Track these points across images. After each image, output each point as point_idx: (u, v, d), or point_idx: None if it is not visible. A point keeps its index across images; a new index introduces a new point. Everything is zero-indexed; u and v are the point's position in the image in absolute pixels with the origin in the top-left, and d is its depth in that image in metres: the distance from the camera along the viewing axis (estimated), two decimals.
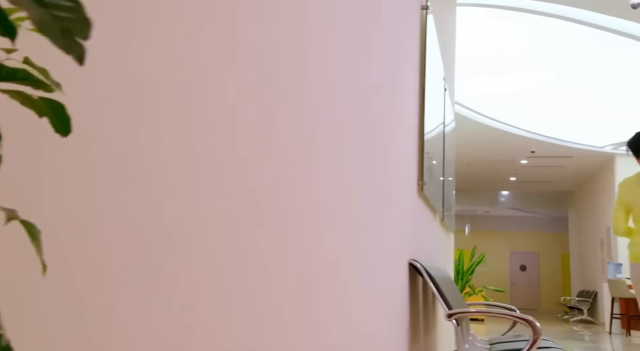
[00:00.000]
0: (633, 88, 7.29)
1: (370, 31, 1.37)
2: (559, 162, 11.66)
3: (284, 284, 0.81)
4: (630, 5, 4.70)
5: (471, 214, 19.57)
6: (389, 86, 1.75)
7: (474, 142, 10.43)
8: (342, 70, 1.12)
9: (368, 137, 1.38)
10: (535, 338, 1.81)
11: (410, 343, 2.05)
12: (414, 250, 2.19)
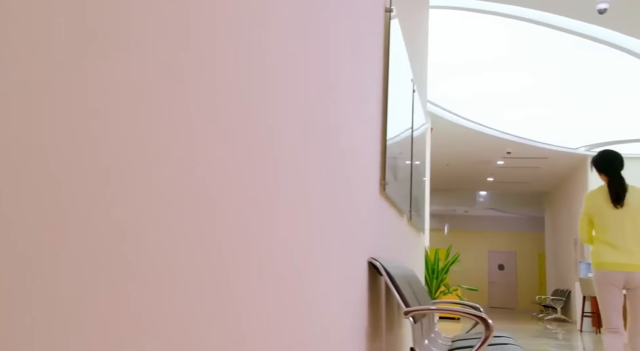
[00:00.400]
0: (605, 91, 7.47)
1: (329, 33, 1.40)
2: (535, 163, 11.87)
3: (239, 282, 0.83)
4: (597, 10, 4.81)
5: (450, 214, 19.79)
6: (349, 87, 1.79)
7: (452, 143, 10.56)
8: (300, 70, 1.14)
9: (325, 137, 1.41)
10: (487, 334, 1.86)
11: (370, 340, 2.08)
12: (375, 249, 2.23)
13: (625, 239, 3.11)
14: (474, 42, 6.21)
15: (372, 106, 2.18)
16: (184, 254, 0.73)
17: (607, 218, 3.15)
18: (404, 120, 3.03)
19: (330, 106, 1.57)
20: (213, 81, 0.80)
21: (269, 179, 1.02)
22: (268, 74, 1.00)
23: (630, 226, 3.11)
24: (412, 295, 2.31)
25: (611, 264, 3.12)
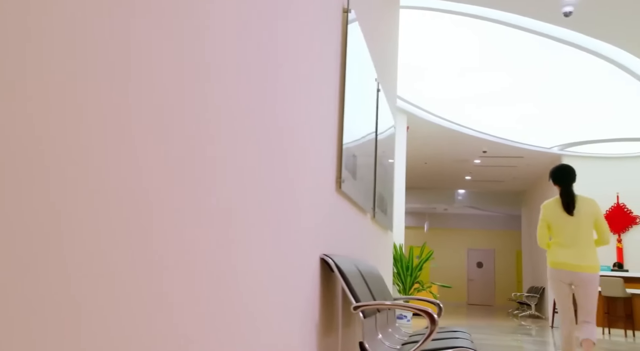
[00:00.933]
0: (577, 92, 7.62)
1: (278, 31, 1.42)
2: (511, 162, 12.06)
3: (175, 283, 0.84)
4: (562, 13, 4.91)
5: (430, 212, 19.97)
6: (300, 88, 1.81)
7: (429, 141, 10.67)
8: (243, 72, 1.16)
9: (268, 138, 1.43)
10: (432, 328, 1.91)
11: (322, 335, 2.12)
12: (330, 246, 2.26)
13: (577, 243, 3.57)
14: (450, 43, 6.29)
15: (328, 106, 2.21)
16: (120, 254, 0.75)
17: (561, 224, 3.62)
18: (367, 119, 3.07)
19: (277, 106, 1.60)
20: (145, 79, 0.81)
21: (206, 179, 1.04)
22: (207, 74, 1.02)
23: (581, 231, 3.57)
24: (367, 291, 2.36)
25: (563, 264, 3.59)
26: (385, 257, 4.12)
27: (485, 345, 6.18)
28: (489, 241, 20.08)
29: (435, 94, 8.18)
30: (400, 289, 7.90)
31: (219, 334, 1.17)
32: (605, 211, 10.57)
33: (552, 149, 10.67)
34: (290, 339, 1.75)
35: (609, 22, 5.21)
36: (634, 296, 8.51)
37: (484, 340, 6.76)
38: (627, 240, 10.36)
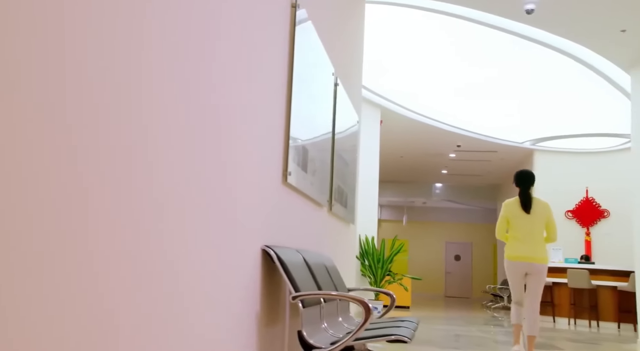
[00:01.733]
0: (547, 88, 7.76)
1: (220, 26, 1.44)
2: (485, 156, 12.23)
3: (115, 273, 0.86)
4: (524, 11, 5.00)
5: (409, 206, 20.15)
6: (241, 86, 1.84)
7: (404, 135, 10.77)
8: (176, 64, 1.18)
9: (206, 134, 1.46)
10: (366, 316, 1.97)
11: (265, 324, 2.17)
12: (274, 237, 2.31)
13: (530, 239, 4.13)
14: (424, 38, 6.35)
15: (273, 102, 2.25)
16: (52, 250, 0.77)
17: (518, 220, 4.19)
18: (321, 113, 3.12)
19: (213, 102, 1.63)
20: (72, 70, 0.82)
21: (136, 174, 1.06)
22: (138, 62, 1.03)
23: (534, 228, 4.14)
24: (312, 282, 2.41)
25: (518, 257, 4.16)
26: (346, 249, 4.19)
27: (450, 335, 6.31)
28: (467, 235, 20.35)
29: (409, 89, 8.25)
30: (372, 281, 7.99)
31: (150, 323, 1.20)
32: (575, 205, 10.81)
33: (524, 144, 10.86)
34: (226, 328, 1.80)
35: (569, 19, 5.32)
36: (598, 288, 8.74)
37: (451, 331, 6.90)
38: (595, 233, 10.62)
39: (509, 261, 4.19)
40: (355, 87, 4.61)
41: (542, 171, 11.08)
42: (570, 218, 10.80)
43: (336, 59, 3.62)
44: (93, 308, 1.05)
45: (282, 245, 2.42)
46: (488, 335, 6.46)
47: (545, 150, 11.06)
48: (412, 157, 12.78)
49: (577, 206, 10.80)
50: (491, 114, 9.24)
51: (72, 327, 0.97)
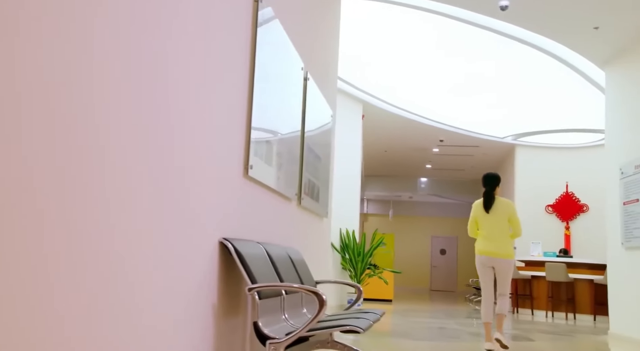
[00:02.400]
0: (528, 84, 7.83)
1: (171, 20, 1.45)
2: (468, 151, 12.33)
3: (63, 265, 0.88)
4: (499, 7, 5.05)
5: (395, 200, 20.27)
6: (197, 80, 1.86)
7: (387, 130, 10.82)
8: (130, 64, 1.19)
9: (159, 130, 1.47)
10: (319, 308, 2.01)
11: (222, 316, 2.20)
12: (234, 230, 2.33)
13: (495, 236, 4.53)
14: (406, 34, 6.38)
15: (232, 97, 2.27)
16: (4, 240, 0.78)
17: (483, 219, 4.60)
18: (289, 107, 3.14)
19: (168, 101, 1.65)
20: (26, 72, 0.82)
21: (82, 168, 1.07)
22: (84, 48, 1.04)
23: (498, 226, 4.54)
24: (273, 274, 2.44)
25: (485, 252, 4.59)
26: (318, 242, 4.23)
27: (426, 328, 6.40)
28: (452, 229, 20.51)
29: (391, 84, 8.29)
30: (352, 274, 8.06)
31: (97, 313, 1.23)
32: (555, 200, 10.95)
33: (506, 139, 10.96)
34: (178, 319, 1.83)
35: (543, 16, 5.38)
36: (576, 281, 8.89)
37: (428, 323, 6.99)
38: (574, 227, 10.77)
39: (477, 256, 4.67)
40: (329, 82, 4.64)
41: (523, 166, 11.21)
42: (551, 213, 10.95)
43: (307, 54, 3.64)
44: (42, 300, 1.07)
45: (244, 238, 2.45)
46: (464, 328, 6.56)
47: (526, 145, 11.18)
48: (396, 151, 12.85)
49: (557, 201, 10.95)
50: (473, 109, 9.31)
51: (17, 319, 1.00)
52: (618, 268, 5.93)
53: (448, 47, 6.69)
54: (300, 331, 2.04)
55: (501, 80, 7.76)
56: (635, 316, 5.45)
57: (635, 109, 5.65)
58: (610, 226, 6.12)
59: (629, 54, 5.80)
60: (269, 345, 2.04)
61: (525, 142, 11.11)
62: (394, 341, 5.09)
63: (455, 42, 6.49)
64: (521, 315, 9.07)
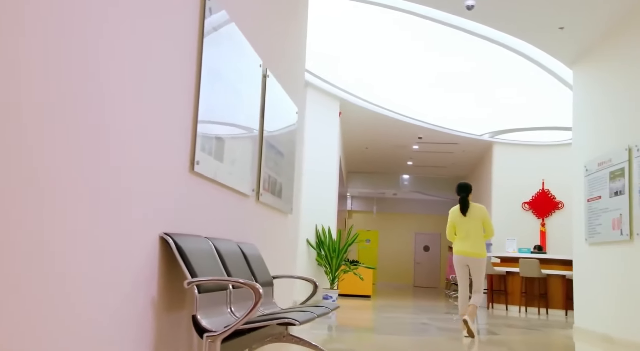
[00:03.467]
0: (505, 82, 7.92)
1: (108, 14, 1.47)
2: (447, 148, 12.45)
3: None
4: (465, 6, 5.11)
5: (379, 197, 20.39)
6: (136, 78, 1.89)
7: (366, 127, 10.88)
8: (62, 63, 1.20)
9: (91, 130, 1.50)
10: (255, 300, 2.05)
11: (164, 311, 2.23)
12: (177, 225, 2.36)
13: (469, 237, 5.19)
14: (381, 31, 6.42)
15: (176, 95, 2.30)
16: None
17: (460, 223, 5.25)
18: (244, 104, 3.17)
19: (104, 100, 1.67)
20: None
21: (11, 161, 1.08)
22: None
23: (472, 229, 5.19)
24: (219, 268, 2.48)
25: (461, 252, 5.23)
26: (281, 238, 4.27)
27: (396, 323, 6.49)
28: (435, 225, 20.66)
29: (368, 81, 8.34)
30: (327, 270, 8.11)
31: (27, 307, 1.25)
32: (531, 197, 11.10)
33: (483, 136, 11.08)
34: (114, 313, 1.85)
35: (511, 16, 5.45)
36: (549, 277, 9.04)
37: (399, 318, 7.08)
38: (550, 224, 10.94)
39: (454, 255, 5.30)
40: (295, 79, 4.67)
41: (500, 164, 11.34)
42: (527, 209, 11.10)
43: (266, 51, 3.67)
44: None
45: (192, 233, 2.48)
46: (435, 323, 6.65)
47: (503, 143, 11.32)
48: (377, 148, 12.93)
49: (533, 198, 11.10)
50: (450, 107, 9.40)
51: None
52: (582, 264, 6.06)
53: (423, 45, 6.75)
54: (236, 324, 2.08)
55: (478, 78, 7.85)
56: (598, 310, 5.57)
57: (600, 108, 5.76)
58: (576, 223, 6.24)
59: (595, 54, 5.91)
60: (206, 337, 2.08)
61: (503, 140, 11.24)
62: (357, 334, 5.16)
63: (430, 40, 6.55)
64: (496, 311, 9.20)
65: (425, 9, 5.50)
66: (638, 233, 4.70)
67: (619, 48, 5.35)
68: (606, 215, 5.31)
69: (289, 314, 2.29)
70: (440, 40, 6.46)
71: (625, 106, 5.18)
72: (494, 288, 9.67)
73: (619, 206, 5.04)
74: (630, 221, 4.84)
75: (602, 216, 5.42)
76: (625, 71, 5.23)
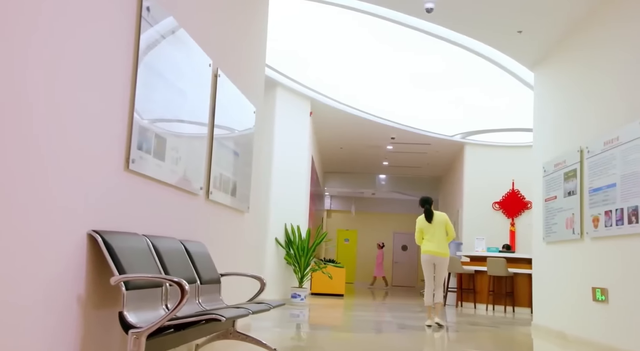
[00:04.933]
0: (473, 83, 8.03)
1: None
2: (420, 148, 12.57)
3: None
4: (425, 9, 5.19)
5: (358, 197, 20.49)
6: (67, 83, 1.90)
7: (338, 127, 10.92)
8: None
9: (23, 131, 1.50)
10: (180, 298, 2.08)
11: (93, 308, 2.24)
12: (113, 223, 2.37)
13: (435, 239, 6.11)
14: (351, 32, 6.46)
15: (111, 96, 2.31)
16: None
17: (427, 229, 6.21)
18: (190, 103, 3.19)
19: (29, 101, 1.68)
20: None
21: None
22: None
23: (437, 232, 6.13)
24: (154, 266, 2.49)
25: (429, 251, 6.11)
26: (235, 237, 4.29)
27: (358, 321, 6.55)
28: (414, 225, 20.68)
29: (339, 82, 8.38)
30: (296, 269, 8.15)
31: None
32: (502, 197, 11.27)
33: (455, 137, 11.22)
34: (36, 310, 1.87)
35: (472, 19, 5.54)
36: (515, 275, 9.20)
37: (362, 316, 7.14)
38: (519, 224, 11.12)
39: (423, 255, 6.17)
40: (253, 79, 4.69)
41: (472, 164, 11.50)
42: (497, 209, 11.27)
43: (218, 51, 3.69)
44: None
45: (126, 231, 2.49)
46: (397, 320, 6.73)
47: (474, 143, 11.47)
48: (352, 148, 12.99)
49: (503, 198, 11.27)
50: (422, 107, 9.50)
51: None
52: (540, 262, 6.19)
53: (393, 46, 6.81)
54: (161, 321, 2.10)
55: (448, 79, 7.94)
56: (553, 308, 5.70)
57: (558, 110, 5.89)
58: (535, 223, 6.38)
59: (554, 57, 6.04)
60: (131, 334, 2.10)
61: (474, 141, 11.40)
62: (313, 332, 5.20)
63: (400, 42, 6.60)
64: (465, 309, 9.33)
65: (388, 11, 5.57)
66: (587, 232, 4.82)
67: (575, 51, 5.48)
68: (561, 215, 5.44)
69: (219, 311, 2.32)
70: (410, 41, 6.53)
71: (579, 108, 5.31)
72: (463, 287, 9.80)
73: (572, 206, 5.17)
74: (581, 220, 4.96)
75: (557, 216, 5.54)
76: (579, 74, 5.36)
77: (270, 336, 4.65)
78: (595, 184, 4.70)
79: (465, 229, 11.29)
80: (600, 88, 4.85)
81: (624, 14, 4.50)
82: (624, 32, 4.48)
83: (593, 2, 4.96)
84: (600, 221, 4.53)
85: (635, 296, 4.02)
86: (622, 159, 4.24)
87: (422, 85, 8.26)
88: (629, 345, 4.06)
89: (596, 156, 4.72)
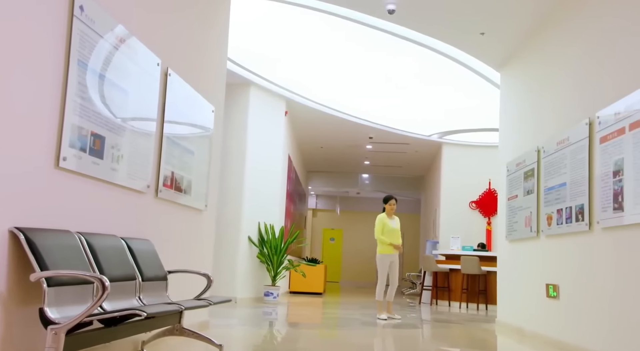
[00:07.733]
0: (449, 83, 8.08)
1: None
2: (399, 148, 12.64)
3: None
4: (386, 11, 5.23)
5: (342, 196, 20.55)
6: None
7: (317, 127, 10.96)
8: None
9: None
10: (102, 292, 2.11)
11: (14, 305, 2.26)
12: (40, 220, 2.39)
13: (394, 238, 6.57)
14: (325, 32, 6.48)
15: (39, 93, 2.33)
16: None
17: (388, 227, 6.58)
18: (135, 101, 3.21)
19: None
20: None
21: None
22: None
23: (397, 231, 6.62)
24: (85, 263, 2.52)
25: (386, 251, 6.52)
26: (191, 235, 4.31)
27: (328, 318, 6.59)
28: None
29: (314, 81, 8.41)
30: (269, 267, 8.18)
31: None
32: (478, 196, 11.37)
33: (432, 137, 11.30)
34: None
35: (435, 21, 5.59)
36: (489, 273, 9.29)
37: (334, 314, 7.19)
38: (495, 223, 11.22)
39: (380, 254, 6.55)
40: (212, 77, 4.71)
41: (449, 163, 11.58)
42: (474, 209, 11.37)
43: (168, 50, 3.71)
44: None
45: (57, 228, 2.51)
46: (364, 318, 6.78)
47: (452, 143, 11.56)
48: (332, 148, 13.04)
49: (480, 197, 11.37)
50: (398, 107, 9.55)
51: None
52: (504, 260, 6.27)
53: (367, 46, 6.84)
54: (80, 317, 2.13)
55: (424, 79, 7.99)
56: (515, 305, 5.78)
57: (521, 111, 5.97)
58: (500, 221, 6.46)
59: (517, 58, 6.11)
60: (50, 329, 2.12)
61: (451, 141, 11.48)
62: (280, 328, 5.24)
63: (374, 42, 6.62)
64: (439, 307, 9.41)
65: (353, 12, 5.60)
66: (543, 230, 4.90)
67: (536, 52, 5.56)
68: (521, 213, 5.51)
69: (147, 307, 2.35)
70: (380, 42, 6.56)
71: (538, 109, 5.39)
72: (438, 285, 9.88)
73: (530, 205, 5.24)
74: (537, 218, 5.04)
75: (518, 214, 5.62)
76: (539, 74, 5.44)
77: (225, 332, 4.68)
78: (549, 183, 4.78)
79: (442, 228, 11.38)
80: (557, 88, 4.93)
81: (578, 14, 4.57)
82: (578, 32, 4.56)
83: (551, 4, 5.03)
84: (553, 219, 4.61)
85: (583, 293, 4.10)
86: (571, 159, 4.32)
87: (397, 85, 8.32)
88: (577, 340, 4.14)
89: (550, 155, 4.80)
